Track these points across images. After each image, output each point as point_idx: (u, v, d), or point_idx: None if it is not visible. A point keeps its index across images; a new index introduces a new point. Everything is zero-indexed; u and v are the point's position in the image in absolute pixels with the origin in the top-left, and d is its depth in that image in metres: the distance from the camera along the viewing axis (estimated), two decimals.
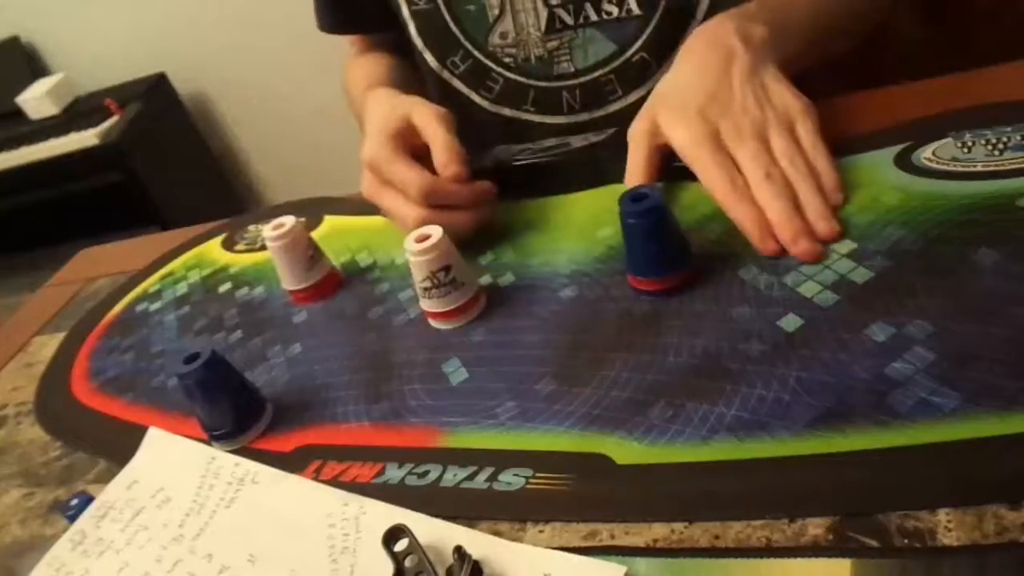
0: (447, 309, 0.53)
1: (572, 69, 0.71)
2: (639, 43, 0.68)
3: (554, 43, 0.70)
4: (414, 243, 0.52)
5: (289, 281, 0.63)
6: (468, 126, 0.78)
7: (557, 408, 0.45)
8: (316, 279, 0.63)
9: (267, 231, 0.61)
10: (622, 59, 0.69)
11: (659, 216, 0.47)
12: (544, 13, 0.68)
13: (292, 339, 0.60)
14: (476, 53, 0.72)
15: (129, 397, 0.62)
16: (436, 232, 0.52)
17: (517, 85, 0.73)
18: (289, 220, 0.61)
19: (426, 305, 0.54)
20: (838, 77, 0.66)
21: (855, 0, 0.67)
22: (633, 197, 0.47)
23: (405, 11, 0.74)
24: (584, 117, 0.73)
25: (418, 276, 0.53)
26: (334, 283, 0.64)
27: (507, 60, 0.72)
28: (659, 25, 0.67)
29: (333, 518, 0.43)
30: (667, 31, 0.68)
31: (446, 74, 0.75)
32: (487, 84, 0.74)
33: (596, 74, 0.70)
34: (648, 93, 0.58)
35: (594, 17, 0.68)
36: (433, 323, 0.55)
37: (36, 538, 0.52)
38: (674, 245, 0.49)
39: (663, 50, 0.68)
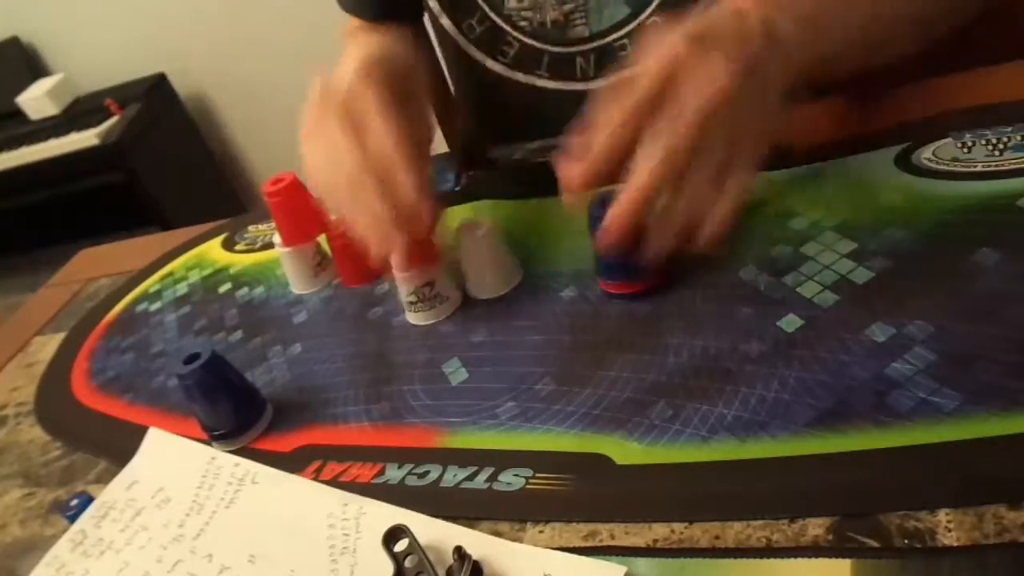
0: (432, 322, 0.55)
1: (587, 33, 0.70)
2: (653, 6, 0.67)
3: (570, 6, 0.69)
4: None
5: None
6: (481, 92, 0.76)
7: (557, 408, 0.45)
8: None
9: None
10: (636, 22, 0.68)
11: None
12: None
13: (292, 339, 0.60)
14: (493, 15, 0.72)
15: (129, 397, 0.62)
16: None
17: (531, 50, 0.72)
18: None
19: (412, 319, 0.56)
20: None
21: None
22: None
23: None
24: (600, 83, 0.72)
25: (403, 291, 0.54)
26: None
27: (523, 24, 0.71)
28: None
29: (333, 518, 0.43)
30: None
31: (461, 39, 0.75)
32: (502, 49, 0.73)
33: (610, 38, 0.70)
34: None
35: None
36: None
37: (36, 538, 0.52)
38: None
39: (677, 14, 0.67)
